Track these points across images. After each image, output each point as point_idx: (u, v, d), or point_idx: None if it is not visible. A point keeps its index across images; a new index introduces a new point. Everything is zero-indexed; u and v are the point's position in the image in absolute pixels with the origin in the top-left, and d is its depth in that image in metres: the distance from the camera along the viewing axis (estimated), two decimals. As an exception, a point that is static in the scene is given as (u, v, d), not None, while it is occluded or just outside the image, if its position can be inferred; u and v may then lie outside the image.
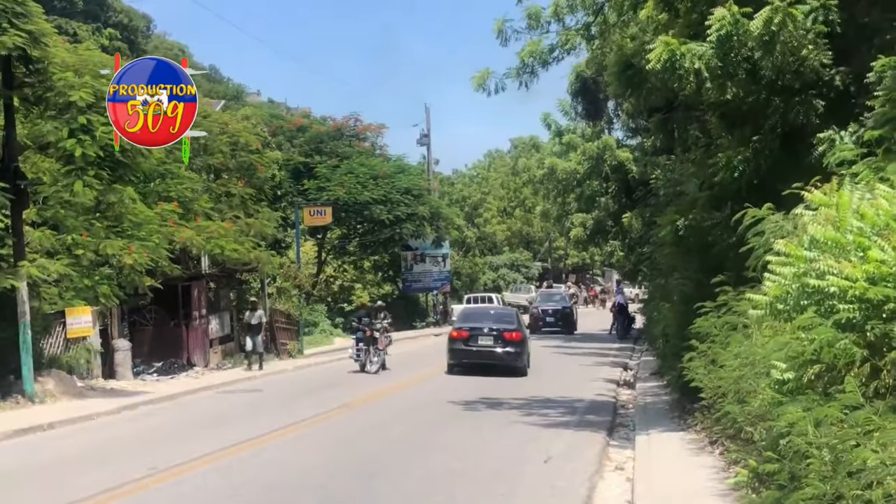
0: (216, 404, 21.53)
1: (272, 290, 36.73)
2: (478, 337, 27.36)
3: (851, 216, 8.17)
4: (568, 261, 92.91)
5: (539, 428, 16.96)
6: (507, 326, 27.74)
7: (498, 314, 30.42)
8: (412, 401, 21.26)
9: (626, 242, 44.37)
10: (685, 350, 14.58)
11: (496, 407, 19.80)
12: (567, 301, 52.48)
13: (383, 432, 16.57)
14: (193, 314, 29.70)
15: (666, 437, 14.97)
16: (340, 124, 49.12)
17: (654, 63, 14.13)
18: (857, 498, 6.31)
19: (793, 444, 7.28)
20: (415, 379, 26.32)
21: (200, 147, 30.65)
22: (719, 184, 15.74)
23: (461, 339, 27.52)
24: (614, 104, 35.30)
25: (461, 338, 27.53)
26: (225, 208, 30.56)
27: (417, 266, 55.15)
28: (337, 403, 20.37)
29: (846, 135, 12.15)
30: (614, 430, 17.32)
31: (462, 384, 24.54)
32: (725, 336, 12.65)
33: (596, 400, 21.56)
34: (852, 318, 7.46)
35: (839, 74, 14.14)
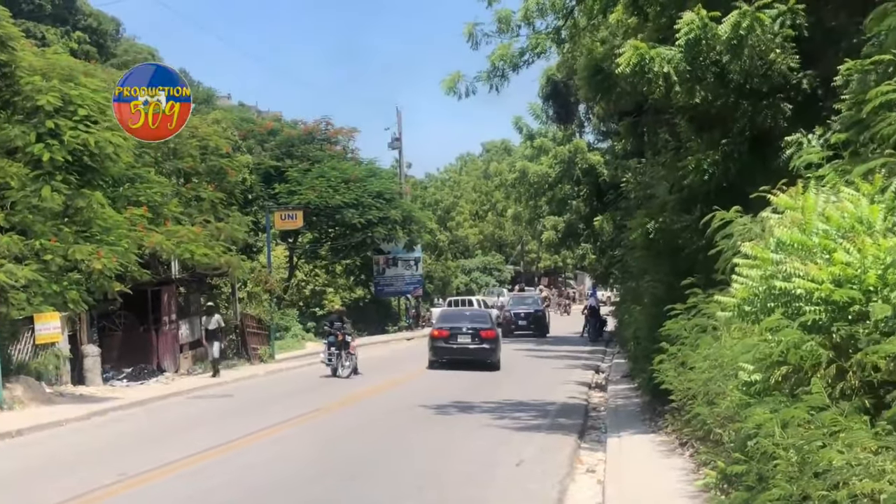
0: (187, 410, 21.44)
1: (243, 294, 36.61)
2: (457, 335, 30.44)
3: (817, 219, 8.24)
4: (540, 264, 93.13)
5: (511, 431, 17.00)
6: (483, 325, 30.99)
7: (473, 315, 33.74)
8: (384, 405, 21.27)
9: (598, 245, 44.60)
10: (656, 352, 14.65)
11: (468, 410, 19.83)
12: (539, 304, 52.59)
13: (355, 436, 16.56)
14: (163, 319, 29.56)
15: (637, 439, 15.04)
16: (311, 128, 49.01)
17: (623, 67, 14.20)
18: (823, 498, 6.36)
19: (760, 445, 7.33)
20: (387, 383, 26.32)
21: (170, 151, 30.53)
22: (689, 187, 15.84)
23: (442, 337, 30.57)
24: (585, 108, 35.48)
25: (442, 336, 30.58)
26: (195, 212, 30.43)
27: (390, 270, 55.13)
28: (309, 408, 20.34)
29: (813, 138, 12.25)
30: (586, 432, 17.39)
31: (435, 388, 24.56)
32: (695, 338, 12.71)
33: (568, 403, 21.62)
34: (818, 320, 7.53)
35: (806, 78, 14.27)
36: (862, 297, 7.39)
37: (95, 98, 23.46)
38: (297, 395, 23.34)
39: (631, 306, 25.62)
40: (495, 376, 27.81)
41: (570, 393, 23.51)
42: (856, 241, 7.77)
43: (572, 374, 28.27)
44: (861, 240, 7.74)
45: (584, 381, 26.64)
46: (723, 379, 10.06)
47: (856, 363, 7.19)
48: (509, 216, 73.35)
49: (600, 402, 22.06)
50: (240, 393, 24.81)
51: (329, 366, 28.29)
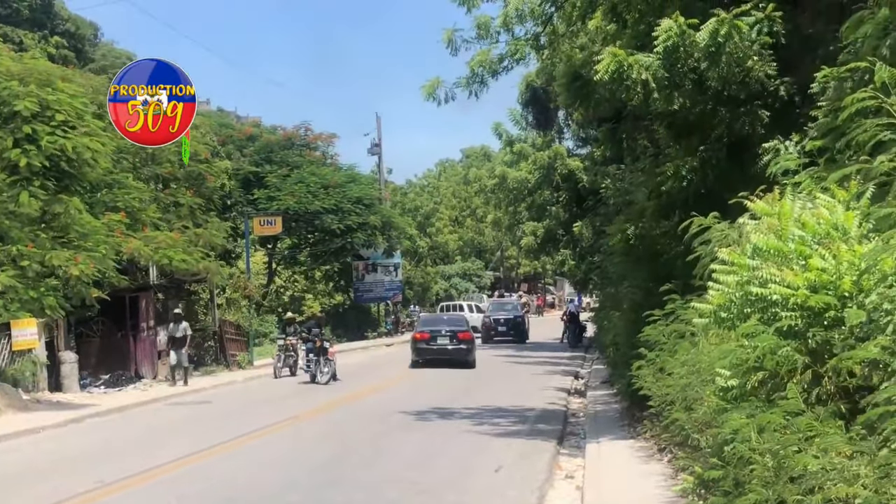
0: (165, 417, 21.38)
1: (222, 300, 36.51)
2: (437, 337, 33.55)
3: (793, 225, 8.31)
4: (520, 270, 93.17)
5: (490, 437, 17.04)
6: (460, 328, 34.21)
7: (451, 319, 37.95)
8: (363, 411, 21.26)
9: (577, 251, 44.66)
10: (634, 358, 14.73)
11: (448, 417, 19.85)
12: (519, 310, 52.65)
13: (333, 443, 16.54)
14: (141, 325, 29.46)
15: (616, 445, 15.10)
16: (291, 134, 48.92)
17: (602, 74, 14.26)
18: (799, 503, 6.42)
19: (737, 450, 7.38)
20: (366, 389, 26.30)
21: (149, 156, 30.44)
22: (667, 193, 15.91)
23: (423, 339, 33.68)
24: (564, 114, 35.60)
25: (423, 339, 33.69)
26: (173, 218, 30.35)
27: (369, 276, 55.06)
28: (287, 415, 20.32)
29: (790, 144, 12.33)
30: (565, 438, 17.43)
31: (415, 394, 24.58)
32: (673, 344, 12.79)
33: (547, 409, 21.67)
34: (794, 326, 7.59)
35: (784, 85, 14.37)
36: (837, 303, 7.46)
37: (73, 103, 23.34)
38: (275, 402, 23.31)
39: (610, 312, 25.70)
40: (475, 382, 27.85)
41: (550, 399, 23.56)
42: (831, 247, 7.84)
43: (552, 380, 28.33)
44: (836, 246, 7.82)
45: (563, 386, 26.70)
46: (700, 385, 10.12)
47: (831, 368, 7.26)
48: (489, 222, 73.45)
49: (579, 408, 22.12)
50: (218, 399, 24.75)
51: (307, 372, 28.29)
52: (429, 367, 32.26)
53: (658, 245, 16.50)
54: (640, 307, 16.38)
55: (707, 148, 15.51)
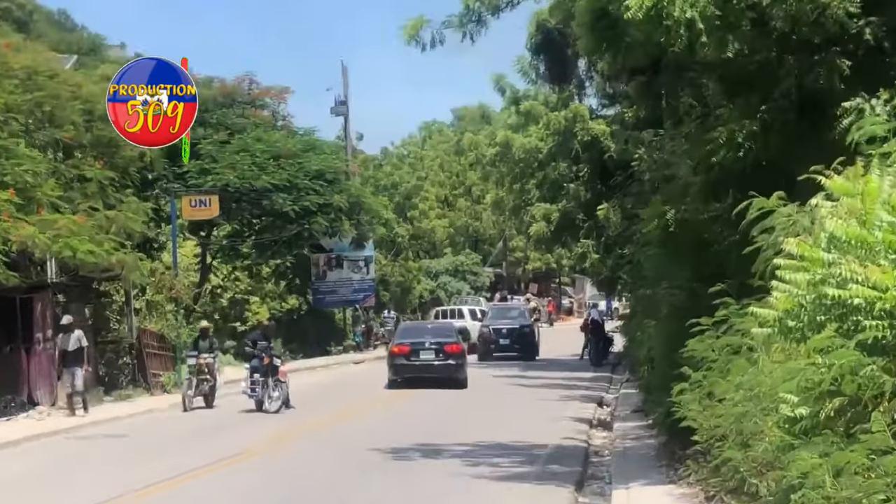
0: (66, 453, 21.36)
1: (141, 304, 36.42)
2: (419, 351, 34.37)
3: (881, 208, 8.31)
4: (528, 266, 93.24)
5: (488, 482, 17.02)
6: (447, 340, 35.05)
7: (436, 328, 39.36)
8: (325, 447, 21.26)
9: (602, 242, 44.55)
10: (675, 380, 14.75)
11: (434, 455, 19.81)
12: (526, 318, 52.64)
13: (283, 492, 16.53)
14: (36, 336, 29.34)
15: (650, 492, 15.11)
16: (231, 88, 48.80)
17: (634, 11, 14.23)
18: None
19: (807, 499, 7.40)
20: (329, 418, 26.32)
21: (45, 117, 30.33)
22: (719, 165, 15.94)
23: (403, 354, 34.49)
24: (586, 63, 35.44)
25: (403, 353, 34.50)
26: (78, 197, 30.22)
27: (332, 272, 54.95)
28: (224, 453, 20.25)
29: (877, 103, 12.36)
30: (585, 483, 17.44)
31: (393, 424, 24.60)
32: (725, 362, 12.81)
33: (562, 445, 21.68)
34: (881, 338, 7.60)
35: (870, 27, 14.37)
36: (938, 310, 7.48)
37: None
38: (209, 436, 23.28)
39: (644, 321, 25.72)
40: (469, 410, 27.86)
41: (566, 432, 23.57)
42: (930, 236, 7.86)
43: (568, 408, 28.35)
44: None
45: (583, 416, 26.73)
46: (760, 414, 10.15)
47: (929, 394, 7.28)
48: (488, 203, 73.36)
49: (604, 445, 22.14)
50: (136, 432, 24.69)
51: (253, 397, 28.20)
52: (410, 387, 32.51)
53: (706, 233, 16.53)
54: (682, 314, 16.37)
55: (770, 108, 15.53)
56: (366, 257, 55.95)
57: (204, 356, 29.80)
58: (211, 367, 29.95)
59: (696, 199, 16.91)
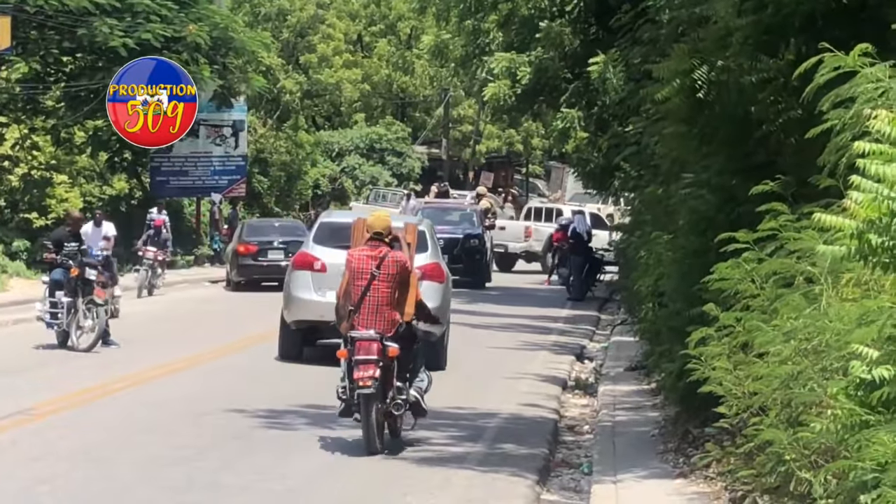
0: None
1: None
2: (266, 251, 44.37)
3: None
4: (480, 146, 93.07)
5: (407, 465, 17.17)
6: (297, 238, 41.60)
7: (284, 227, 50.54)
8: (162, 407, 21.27)
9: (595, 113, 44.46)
10: (694, 323, 14.83)
11: (329, 423, 19.82)
12: (475, 224, 52.68)
13: (99, 471, 16.54)
14: None
15: (648, 487, 15.30)
16: None
17: None
18: None
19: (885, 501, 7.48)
20: (173, 363, 26.45)
21: None
22: (775, 2, 15.91)
23: (249, 254, 44.35)
24: None
25: (249, 253, 44.35)
26: None
27: (182, 143, 54.34)
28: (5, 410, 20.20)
29: None
30: (551, 472, 17.63)
31: (261, 374, 24.89)
32: (771, 298, 12.85)
33: (521, 415, 21.83)
34: None
35: None
36: None
37: None
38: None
39: (652, 234, 25.68)
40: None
41: (527, 397, 23.69)
42: None
43: (532, 362, 28.55)
44: None
45: (554, 374, 26.90)
46: (820, 376, 10.21)
47: None
48: (423, 49, 72.56)
49: (583, 417, 22.41)
50: None
51: (54, 327, 28.05)
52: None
53: (752, 105, 16.54)
54: (710, 225, 16.43)
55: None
56: (234, 122, 55.67)
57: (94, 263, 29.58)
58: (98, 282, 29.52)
59: (741, 52, 16.87)
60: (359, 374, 17.18)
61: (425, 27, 69.03)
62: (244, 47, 51.07)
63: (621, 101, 35.87)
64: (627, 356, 28.01)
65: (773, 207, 13.57)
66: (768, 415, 11.46)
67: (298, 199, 70.45)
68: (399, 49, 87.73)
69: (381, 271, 17.82)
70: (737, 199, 15.43)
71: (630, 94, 33.02)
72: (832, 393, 9.45)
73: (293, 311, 28.05)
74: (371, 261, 17.91)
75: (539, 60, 45.72)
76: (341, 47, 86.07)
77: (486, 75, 48.58)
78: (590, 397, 24.41)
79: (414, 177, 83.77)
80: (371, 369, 17.17)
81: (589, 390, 25.33)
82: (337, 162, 77.87)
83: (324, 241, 29.12)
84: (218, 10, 50.26)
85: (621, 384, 24.70)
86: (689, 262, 17.81)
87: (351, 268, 18.10)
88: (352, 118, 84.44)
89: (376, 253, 17.98)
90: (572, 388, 25.79)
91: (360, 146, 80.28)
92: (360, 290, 17.83)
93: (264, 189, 64.74)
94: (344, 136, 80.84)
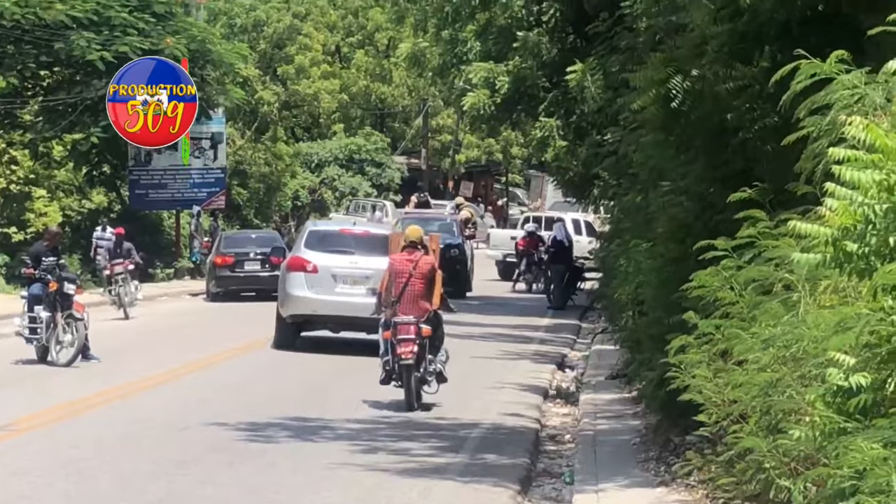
0: None
1: None
2: (244, 262, 45.94)
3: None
4: (460, 156, 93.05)
5: (388, 476, 17.20)
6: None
7: (261, 238, 51.54)
8: (143, 421, 21.30)
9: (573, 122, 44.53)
10: (674, 331, 14.89)
11: (311, 436, 19.93)
12: (454, 234, 52.76)
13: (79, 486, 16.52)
14: None
15: (630, 496, 15.36)
16: None
17: None
18: None
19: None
20: (152, 378, 26.43)
21: None
22: (750, 10, 15.97)
23: (226, 265, 45.76)
24: None
25: (226, 264, 45.76)
26: None
27: (161, 156, 54.33)
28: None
29: None
30: (533, 482, 17.67)
31: (242, 387, 25.06)
32: (750, 305, 12.91)
33: (502, 425, 21.93)
34: None
35: None
36: None
37: None
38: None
39: (631, 242, 25.75)
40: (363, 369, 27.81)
41: (508, 406, 23.79)
42: None
43: (513, 371, 28.63)
44: None
45: (535, 383, 26.99)
46: (798, 383, 10.25)
47: None
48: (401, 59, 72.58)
49: (565, 426, 22.48)
50: None
51: (33, 342, 28.02)
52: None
53: (729, 112, 16.59)
54: (689, 233, 16.50)
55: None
56: (213, 134, 55.56)
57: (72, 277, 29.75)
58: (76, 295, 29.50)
59: (717, 60, 16.94)
60: (401, 350, 22.44)
61: (403, 37, 68.90)
62: (221, 59, 51.11)
63: (599, 109, 35.99)
64: (608, 365, 28.10)
65: (751, 214, 13.63)
66: (748, 422, 11.52)
67: (278, 210, 70.45)
68: (376, 59, 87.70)
69: (416, 271, 23.14)
70: (715, 207, 15.49)
71: (608, 103, 33.16)
72: (810, 400, 9.50)
73: (289, 307, 32.39)
74: (409, 263, 23.30)
75: (517, 70, 45.75)
76: (319, 58, 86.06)
77: (465, 85, 48.63)
78: (571, 406, 24.50)
79: (394, 187, 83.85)
80: (411, 346, 22.41)
81: (570, 399, 25.43)
82: (316, 173, 77.80)
83: (314, 247, 34.09)
84: (195, 22, 50.36)
85: (602, 393, 24.78)
86: (669, 270, 17.91)
87: (393, 268, 23.43)
88: (331, 129, 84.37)
89: (413, 257, 23.44)
90: (553, 397, 25.91)
91: (339, 157, 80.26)
92: (401, 286, 23.07)
93: (244, 201, 64.72)
94: (323, 147, 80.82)
